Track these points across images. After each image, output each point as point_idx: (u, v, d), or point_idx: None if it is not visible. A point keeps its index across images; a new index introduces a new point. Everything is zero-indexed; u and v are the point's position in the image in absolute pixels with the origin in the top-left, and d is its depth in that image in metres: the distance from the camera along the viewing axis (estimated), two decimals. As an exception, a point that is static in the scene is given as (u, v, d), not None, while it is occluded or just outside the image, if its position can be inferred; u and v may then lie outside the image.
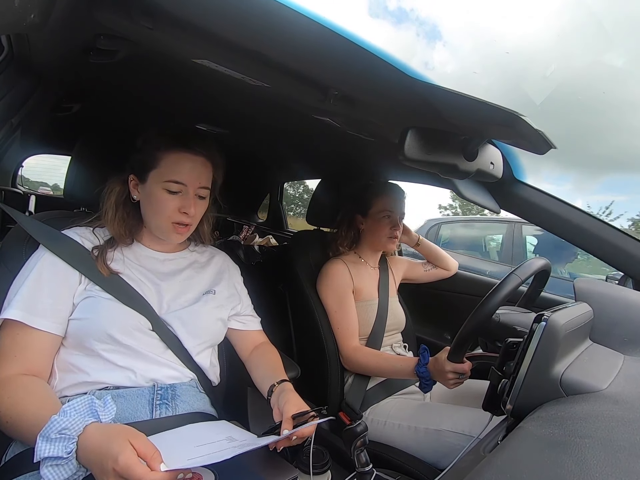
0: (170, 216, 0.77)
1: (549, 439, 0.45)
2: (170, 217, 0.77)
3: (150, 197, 0.77)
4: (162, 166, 0.76)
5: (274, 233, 2.52)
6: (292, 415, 0.67)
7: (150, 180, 0.77)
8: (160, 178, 0.75)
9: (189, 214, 0.77)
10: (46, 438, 0.51)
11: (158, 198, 0.76)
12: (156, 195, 0.76)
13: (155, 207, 0.77)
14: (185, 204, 0.76)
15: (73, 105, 1.25)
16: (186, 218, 0.78)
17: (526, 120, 0.55)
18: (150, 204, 0.78)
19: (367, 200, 1.25)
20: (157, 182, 0.76)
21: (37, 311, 0.68)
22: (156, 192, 0.76)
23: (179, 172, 0.75)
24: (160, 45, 0.66)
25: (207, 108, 1.24)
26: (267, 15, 0.47)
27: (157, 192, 0.76)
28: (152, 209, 0.78)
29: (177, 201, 0.76)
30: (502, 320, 0.86)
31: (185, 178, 0.76)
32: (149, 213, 0.79)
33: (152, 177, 0.76)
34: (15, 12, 0.45)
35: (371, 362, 1.11)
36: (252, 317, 0.95)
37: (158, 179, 0.76)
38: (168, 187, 0.75)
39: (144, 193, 0.78)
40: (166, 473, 0.50)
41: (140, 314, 0.74)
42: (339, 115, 0.89)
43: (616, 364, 0.64)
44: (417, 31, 34.67)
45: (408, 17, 34.39)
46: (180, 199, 0.76)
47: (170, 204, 0.76)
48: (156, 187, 0.76)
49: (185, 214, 0.77)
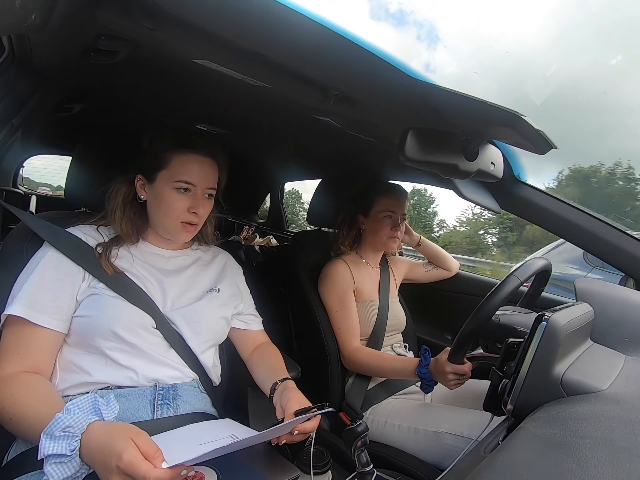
0: (179, 216, 0.78)
1: (550, 439, 0.45)
2: (180, 217, 0.78)
3: (159, 197, 0.78)
4: (171, 167, 0.77)
5: (274, 233, 2.52)
6: (295, 412, 0.67)
7: (159, 180, 0.78)
8: (170, 178, 0.77)
9: (198, 214, 0.79)
10: (50, 435, 0.52)
11: (167, 198, 0.77)
12: (165, 195, 0.77)
13: (164, 206, 0.78)
14: (195, 203, 0.78)
15: (74, 105, 1.25)
16: (195, 218, 0.79)
17: (527, 120, 0.55)
18: (159, 203, 0.78)
19: (370, 200, 1.25)
20: (166, 182, 0.77)
21: (40, 308, 0.68)
22: (165, 192, 0.77)
23: (188, 173, 0.77)
24: (161, 46, 0.67)
25: (207, 108, 1.25)
26: (267, 16, 0.47)
27: (167, 192, 0.77)
28: (161, 209, 0.79)
29: (186, 201, 0.78)
30: (503, 320, 0.86)
31: (194, 178, 0.77)
32: (158, 213, 0.80)
33: (161, 177, 0.78)
34: (17, 13, 0.45)
35: (372, 363, 1.11)
36: (254, 316, 0.95)
37: (167, 179, 0.77)
38: (178, 186, 0.77)
39: (152, 193, 0.79)
40: (169, 470, 0.50)
41: (144, 312, 0.74)
42: (339, 115, 0.89)
43: (617, 364, 0.64)
44: (418, 33, 34.84)
45: (408, 19, 34.53)
46: (189, 199, 0.78)
47: (180, 203, 0.77)
48: (165, 187, 0.77)
49: (194, 213, 0.79)
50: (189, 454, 0.53)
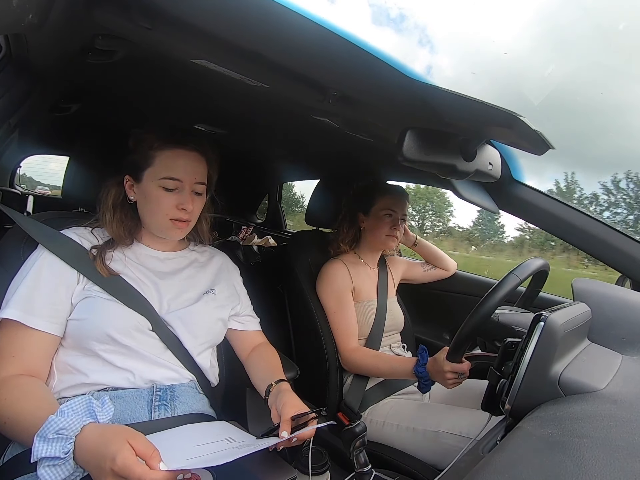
0: (167, 213, 0.77)
1: (548, 439, 0.45)
2: (168, 214, 0.77)
3: (147, 196, 0.77)
4: (156, 164, 0.76)
5: (272, 233, 2.52)
6: (292, 417, 0.67)
7: (145, 179, 0.77)
8: (156, 176, 0.76)
9: (187, 210, 0.77)
10: (43, 438, 0.51)
11: (155, 196, 0.76)
12: (152, 193, 0.76)
13: (152, 205, 0.77)
14: (183, 200, 0.77)
15: (71, 105, 1.24)
16: (184, 214, 0.78)
17: (524, 120, 0.55)
18: (147, 202, 0.77)
19: (371, 198, 1.26)
20: (152, 180, 0.76)
21: (35, 311, 0.68)
22: (152, 191, 0.76)
23: (174, 169, 0.76)
24: (158, 46, 0.66)
25: (205, 108, 1.24)
26: (265, 16, 0.47)
27: (154, 190, 0.76)
28: (150, 208, 0.78)
29: (174, 198, 0.76)
30: (501, 320, 0.86)
31: (181, 174, 0.76)
32: (147, 212, 0.79)
33: (147, 175, 0.76)
34: (14, 12, 0.45)
35: (370, 363, 1.11)
36: (252, 317, 0.95)
37: (153, 177, 0.76)
38: (164, 184, 0.75)
39: (140, 193, 0.78)
40: (166, 472, 0.50)
41: (140, 314, 0.74)
42: (337, 115, 0.89)
43: (614, 363, 0.64)
44: (420, 37, 35.01)
45: (409, 24, 34.65)
46: (177, 195, 0.77)
47: (167, 200, 0.76)
48: (152, 186, 0.76)
49: (183, 210, 0.77)
50: (187, 456, 0.53)
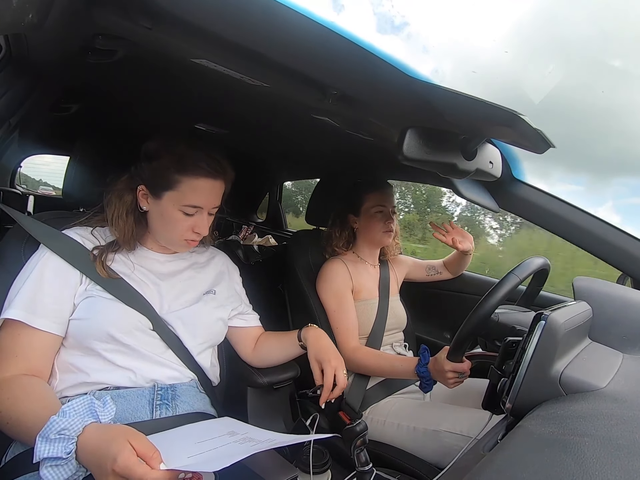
0: (182, 234, 0.78)
1: (549, 438, 0.45)
2: (183, 235, 0.78)
3: (165, 215, 0.77)
4: (180, 190, 0.74)
5: (273, 233, 2.52)
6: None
7: (166, 199, 0.76)
8: (178, 201, 0.75)
9: (202, 234, 0.79)
10: (45, 438, 0.51)
11: (173, 218, 0.76)
12: (172, 215, 0.76)
13: (168, 225, 0.77)
14: (200, 224, 0.78)
15: (72, 105, 1.24)
16: (198, 236, 0.79)
17: (525, 119, 0.55)
18: (164, 220, 0.77)
19: (358, 198, 1.25)
20: (173, 203, 0.75)
21: (38, 311, 0.68)
22: (172, 213, 0.76)
23: (198, 197, 0.76)
24: (158, 45, 0.66)
25: (206, 108, 1.24)
26: (265, 15, 0.47)
27: (173, 212, 0.76)
28: (165, 226, 0.78)
29: (191, 221, 0.77)
30: (502, 319, 0.86)
31: (203, 202, 0.77)
32: (160, 227, 0.79)
33: (168, 197, 0.75)
34: (14, 12, 0.45)
35: (371, 362, 1.11)
36: (253, 314, 0.97)
37: (175, 201, 0.75)
38: (185, 210, 0.76)
39: (156, 208, 0.77)
40: (167, 472, 0.50)
41: (140, 314, 0.74)
42: (338, 114, 0.89)
43: (615, 362, 0.64)
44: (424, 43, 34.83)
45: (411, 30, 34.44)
46: (194, 219, 0.77)
47: (185, 224, 0.77)
48: (172, 208, 0.75)
49: (198, 233, 0.78)
50: (188, 454, 0.52)
